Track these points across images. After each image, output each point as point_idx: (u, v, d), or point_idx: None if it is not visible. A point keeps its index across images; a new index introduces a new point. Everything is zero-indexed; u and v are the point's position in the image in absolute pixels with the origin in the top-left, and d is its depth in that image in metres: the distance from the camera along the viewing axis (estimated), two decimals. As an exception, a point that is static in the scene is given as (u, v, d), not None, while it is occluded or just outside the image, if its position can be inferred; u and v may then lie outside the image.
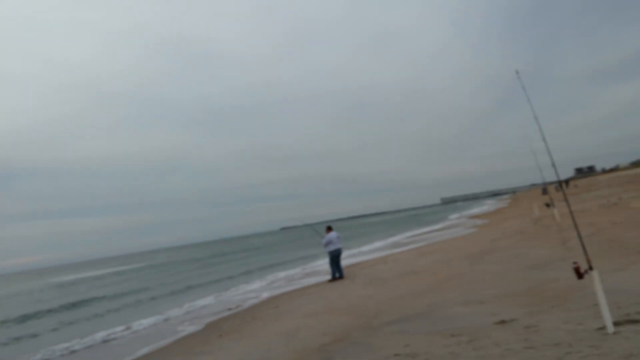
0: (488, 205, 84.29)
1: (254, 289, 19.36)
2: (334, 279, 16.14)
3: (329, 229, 17.05)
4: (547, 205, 21.13)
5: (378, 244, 35.25)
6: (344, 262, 18.68)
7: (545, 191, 57.37)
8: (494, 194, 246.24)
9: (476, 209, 75.62)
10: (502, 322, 6.28)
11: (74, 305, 24.57)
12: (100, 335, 13.88)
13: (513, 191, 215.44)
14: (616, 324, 4.83)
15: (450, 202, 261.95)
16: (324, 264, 22.82)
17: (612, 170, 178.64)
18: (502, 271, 10.62)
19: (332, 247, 16.36)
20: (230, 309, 14.49)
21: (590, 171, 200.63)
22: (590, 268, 4.70)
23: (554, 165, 5.02)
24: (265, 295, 16.49)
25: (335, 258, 16.36)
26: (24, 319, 21.82)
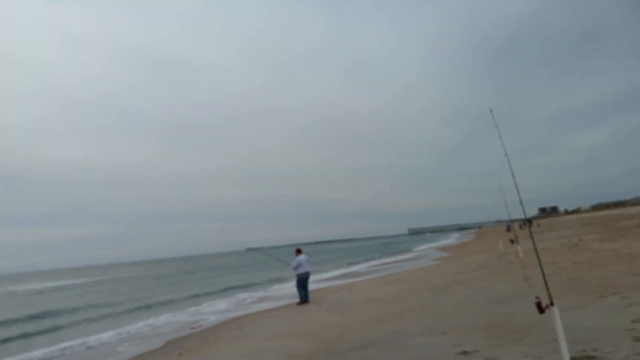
0: (454, 238, 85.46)
1: (218, 309, 19.10)
2: (302, 302, 16.06)
3: (299, 251, 17.03)
4: (512, 241, 21.60)
5: (344, 270, 35.27)
6: (310, 286, 18.63)
7: (509, 228, 58.64)
8: (460, 228, 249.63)
9: (442, 241, 76.52)
10: (464, 352, 6.39)
11: (29, 318, 23.60)
12: (52, 349, 13.46)
13: (479, 226, 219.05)
14: (573, 359, 4.99)
15: (417, 233, 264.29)
16: (290, 286, 22.72)
17: (574, 211, 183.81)
18: (465, 303, 10.79)
19: (301, 270, 16.32)
20: (192, 328, 14.26)
21: (553, 211, 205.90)
22: (552, 304, 4.86)
23: (521, 202, 5.21)
24: (229, 315, 16.28)
25: (302, 282, 16.31)
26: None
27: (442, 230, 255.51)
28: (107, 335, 14.99)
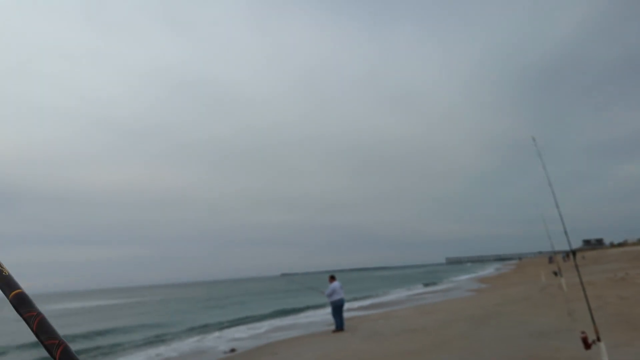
0: (493, 269, 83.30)
1: (254, 334, 19.10)
2: (337, 329, 15.90)
3: (332, 278, 16.93)
4: (555, 273, 20.93)
5: (380, 298, 34.82)
6: (345, 314, 18.44)
7: (551, 260, 56.80)
8: (500, 258, 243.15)
9: (481, 272, 74.73)
10: (505, 388, 6.19)
11: (95, 334, 24.14)
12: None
13: (519, 257, 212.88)
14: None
15: (455, 262, 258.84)
16: (325, 313, 22.55)
17: (620, 244, 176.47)
18: (505, 336, 10.47)
19: (335, 297, 16.19)
20: (225, 352, 14.28)
21: (598, 244, 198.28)
22: (598, 339, 4.70)
23: (566, 232, 5.09)
24: (264, 340, 16.26)
25: (337, 309, 16.16)
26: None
27: (480, 260, 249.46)
28: (140, 358, 15.19)
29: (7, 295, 1.03)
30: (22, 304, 1.01)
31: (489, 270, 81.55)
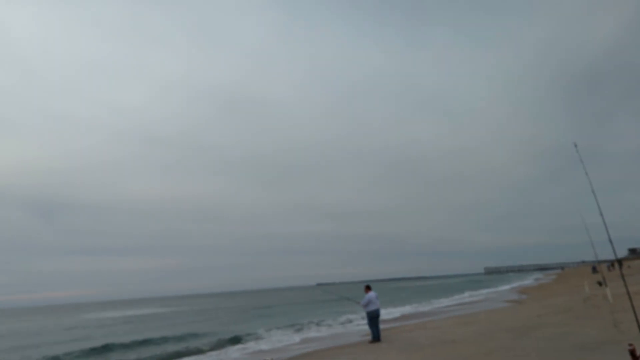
0: (534, 279, 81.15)
1: (290, 344, 19.14)
2: (374, 340, 15.76)
3: (368, 288, 16.81)
4: (600, 283, 20.22)
5: (417, 309, 34.38)
6: (382, 324, 18.26)
7: (595, 269, 54.92)
8: (541, 268, 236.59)
9: (521, 282, 72.91)
10: (548, 402, 6.00)
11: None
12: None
13: (561, 267, 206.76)
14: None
15: (494, 272, 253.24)
16: (361, 323, 22.40)
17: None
18: (547, 348, 10.16)
19: (371, 307, 16.06)
20: (265, 361, 14.33)
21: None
22: (646, 352, 4.50)
23: (611, 241, 4.92)
24: (300, 350, 16.25)
25: (373, 319, 16.03)
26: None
27: (520, 270, 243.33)
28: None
29: None
30: None
31: (530, 280, 79.46)
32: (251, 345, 19.73)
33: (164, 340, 24.99)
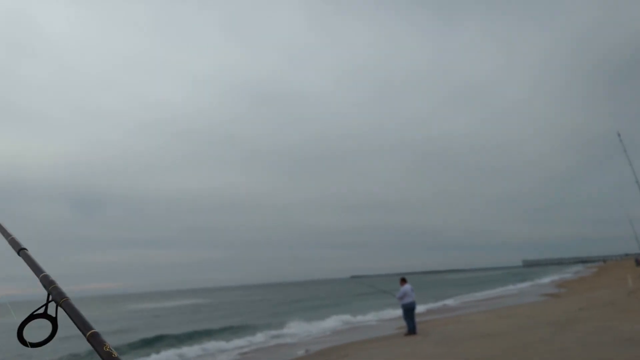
0: (574, 272, 79.03)
1: (324, 335, 19.20)
2: (409, 333, 15.64)
3: (403, 281, 16.65)
4: (643, 276, 19.54)
5: (453, 302, 34.01)
6: (418, 317, 18.12)
7: (639, 262, 53.04)
8: (582, 261, 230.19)
9: (561, 275, 71.17)
10: (590, 397, 5.82)
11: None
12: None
13: (603, 259, 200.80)
14: None
15: (532, 265, 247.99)
16: (396, 316, 22.27)
17: None
18: (589, 343, 9.86)
19: (406, 300, 15.92)
20: (297, 354, 14.42)
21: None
22: (696, 347, 4.30)
23: (656, 231, 4.69)
24: (335, 342, 16.28)
25: (409, 312, 15.89)
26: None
27: (560, 263, 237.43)
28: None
29: None
30: None
31: (570, 272, 77.46)
32: (285, 336, 19.88)
33: (207, 332, 25.39)
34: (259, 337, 20.20)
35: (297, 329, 22.31)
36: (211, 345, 18.80)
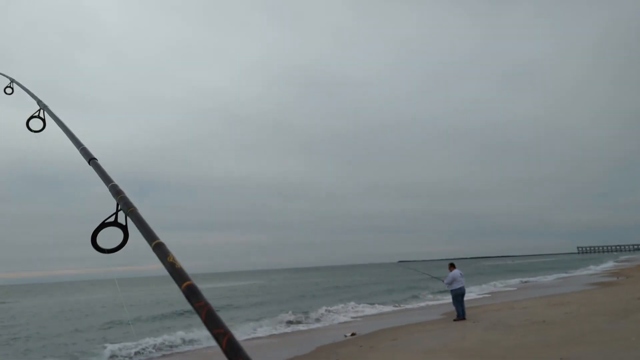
0: (632, 260, 75.79)
1: (372, 318, 19.31)
2: (458, 318, 15.54)
3: (452, 266, 16.49)
4: None
5: (504, 287, 33.42)
6: (466, 303, 17.93)
7: None
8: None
9: (618, 262, 68.44)
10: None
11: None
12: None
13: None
14: None
15: (587, 252, 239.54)
16: (445, 301, 22.13)
17: None
18: (650, 333, 9.52)
19: (455, 286, 15.79)
20: (346, 336, 14.57)
21: None
22: None
23: None
24: (384, 325, 16.35)
25: (458, 297, 15.76)
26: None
27: (618, 250, 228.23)
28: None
29: (179, 286, 1.17)
30: (193, 294, 1.13)
31: (628, 261, 74.37)
32: (332, 319, 20.10)
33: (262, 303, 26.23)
34: (308, 318, 20.52)
35: (342, 312, 22.53)
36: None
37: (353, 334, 14.68)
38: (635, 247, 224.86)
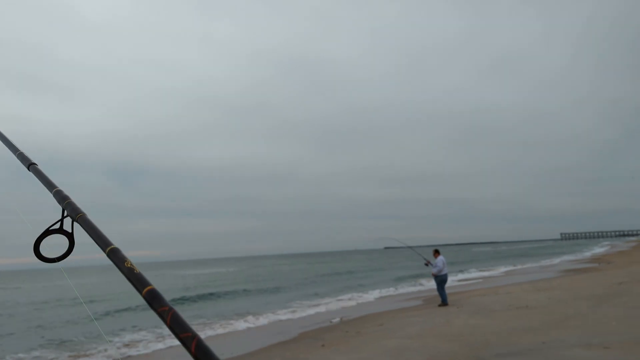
0: (614, 246, 77.12)
1: (358, 304, 19.43)
2: (443, 303, 15.68)
3: (437, 252, 16.60)
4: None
5: (487, 273, 33.80)
6: (450, 289, 18.07)
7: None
8: (622, 234, 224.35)
9: (600, 248, 69.60)
10: (631, 371, 5.75)
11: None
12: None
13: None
14: None
15: (570, 239, 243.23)
16: (431, 287, 22.32)
17: None
18: (630, 317, 9.69)
19: (441, 272, 15.92)
20: (332, 321, 14.64)
21: None
22: None
23: None
24: (369, 311, 16.46)
25: (442, 283, 15.92)
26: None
27: (600, 236, 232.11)
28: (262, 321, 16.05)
29: (140, 291, 1.12)
30: (155, 299, 1.09)
31: (609, 247, 75.63)
32: (320, 306, 20.19)
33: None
34: (295, 306, 20.61)
35: (328, 297, 22.67)
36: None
37: (341, 320, 14.77)
38: (618, 233, 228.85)
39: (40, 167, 1.84)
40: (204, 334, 14.09)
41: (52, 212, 1.57)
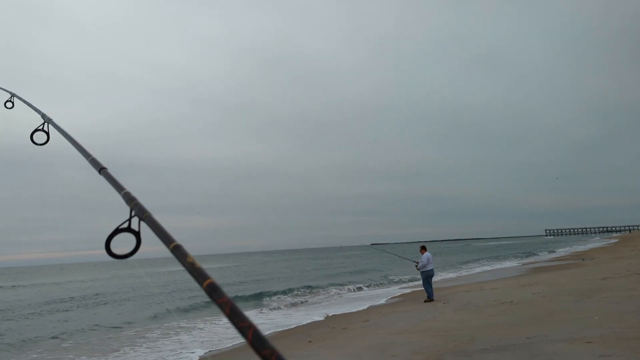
0: (598, 242, 78.17)
1: (344, 301, 19.47)
2: (429, 299, 15.79)
3: (424, 249, 16.71)
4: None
5: (473, 270, 34.06)
6: (437, 284, 18.21)
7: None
8: (606, 230, 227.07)
9: (584, 245, 70.50)
10: (613, 365, 5.82)
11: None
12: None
13: (629, 229, 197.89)
14: None
15: (555, 235, 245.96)
16: (418, 284, 22.46)
17: None
18: (613, 312, 9.81)
19: (427, 268, 16.03)
20: (319, 318, 14.67)
21: None
22: None
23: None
24: (355, 307, 16.51)
25: (429, 279, 16.02)
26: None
27: (584, 232, 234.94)
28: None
29: (200, 284, 1.22)
30: (215, 291, 1.18)
31: (593, 242, 76.66)
32: (307, 302, 20.23)
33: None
34: (283, 302, 20.61)
35: (315, 295, 22.70)
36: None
37: (326, 317, 14.79)
38: (602, 229, 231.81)
39: (110, 171, 2.05)
40: (192, 334, 14.09)
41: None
